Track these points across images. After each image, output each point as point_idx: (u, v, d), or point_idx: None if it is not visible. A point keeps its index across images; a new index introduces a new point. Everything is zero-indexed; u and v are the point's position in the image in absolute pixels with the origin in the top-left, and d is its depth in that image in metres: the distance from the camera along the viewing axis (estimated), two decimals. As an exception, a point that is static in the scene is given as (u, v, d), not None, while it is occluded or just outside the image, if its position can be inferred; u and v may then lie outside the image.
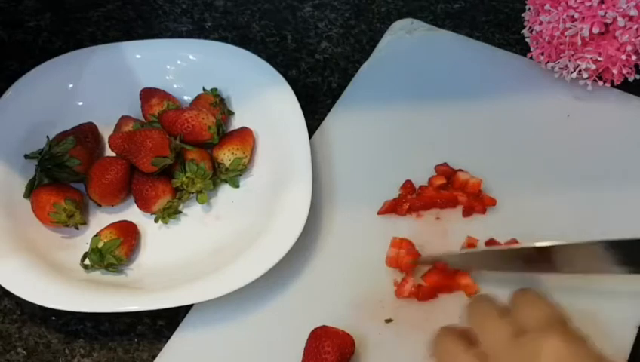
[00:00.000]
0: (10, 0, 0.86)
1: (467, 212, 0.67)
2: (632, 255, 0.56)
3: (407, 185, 0.69)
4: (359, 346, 0.59)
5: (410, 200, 0.67)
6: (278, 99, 0.72)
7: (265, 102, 0.72)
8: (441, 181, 0.68)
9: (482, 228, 0.66)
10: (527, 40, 0.77)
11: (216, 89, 0.73)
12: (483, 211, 0.67)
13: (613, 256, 0.56)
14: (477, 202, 0.67)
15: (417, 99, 0.76)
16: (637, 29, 0.69)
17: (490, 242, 0.65)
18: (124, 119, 0.72)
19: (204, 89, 0.73)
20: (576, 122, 0.73)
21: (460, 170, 0.69)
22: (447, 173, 0.69)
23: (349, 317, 0.61)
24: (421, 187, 0.69)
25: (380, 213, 0.68)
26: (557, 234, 0.64)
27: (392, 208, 0.67)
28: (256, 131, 0.72)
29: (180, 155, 0.68)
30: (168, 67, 0.75)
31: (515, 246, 0.62)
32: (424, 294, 0.62)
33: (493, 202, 0.67)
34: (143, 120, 0.72)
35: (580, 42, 0.70)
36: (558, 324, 0.49)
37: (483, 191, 0.68)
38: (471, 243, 0.64)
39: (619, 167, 0.70)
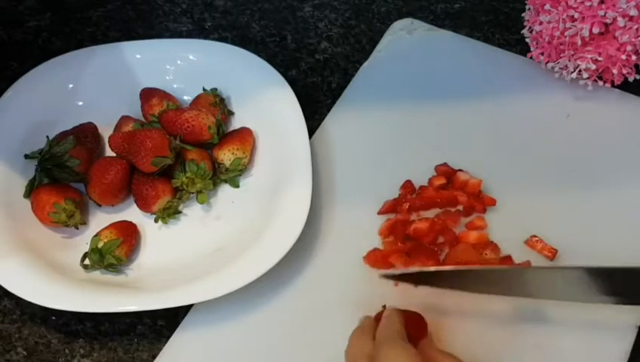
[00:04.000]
0: (10, 0, 0.86)
1: (467, 212, 0.67)
2: (617, 284, 0.51)
3: (407, 185, 0.69)
4: (359, 346, 0.59)
5: (410, 200, 0.67)
6: (278, 99, 0.72)
7: (265, 102, 0.72)
8: (441, 181, 0.68)
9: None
10: (527, 40, 0.76)
11: (216, 89, 0.73)
12: (483, 211, 0.67)
13: (596, 285, 0.51)
14: (477, 202, 0.67)
15: (417, 99, 0.76)
16: (637, 29, 0.69)
17: (505, 259, 0.61)
18: (124, 119, 0.72)
19: (204, 89, 0.73)
20: (576, 122, 0.73)
21: (460, 170, 0.69)
22: (447, 173, 0.69)
23: (349, 317, 0.61)
24: (421, 187, 0.69)
25: (380, 212, 0.68)
26: (557, 234, 0.65)
27: (392, 208, 0.67)
28: (256, 131, 0.72)
29: (180, 155, 0.68)
30: (168, 67, 0.75)
31: (477, 267, 0.57)
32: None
33: (493, 202, 0.67)
34: (143, 120, 0.72)
35: (579, 42, 0.70)
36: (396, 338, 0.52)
37: (483, 191, 0.68)
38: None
39: (619, 167, 0.70)
